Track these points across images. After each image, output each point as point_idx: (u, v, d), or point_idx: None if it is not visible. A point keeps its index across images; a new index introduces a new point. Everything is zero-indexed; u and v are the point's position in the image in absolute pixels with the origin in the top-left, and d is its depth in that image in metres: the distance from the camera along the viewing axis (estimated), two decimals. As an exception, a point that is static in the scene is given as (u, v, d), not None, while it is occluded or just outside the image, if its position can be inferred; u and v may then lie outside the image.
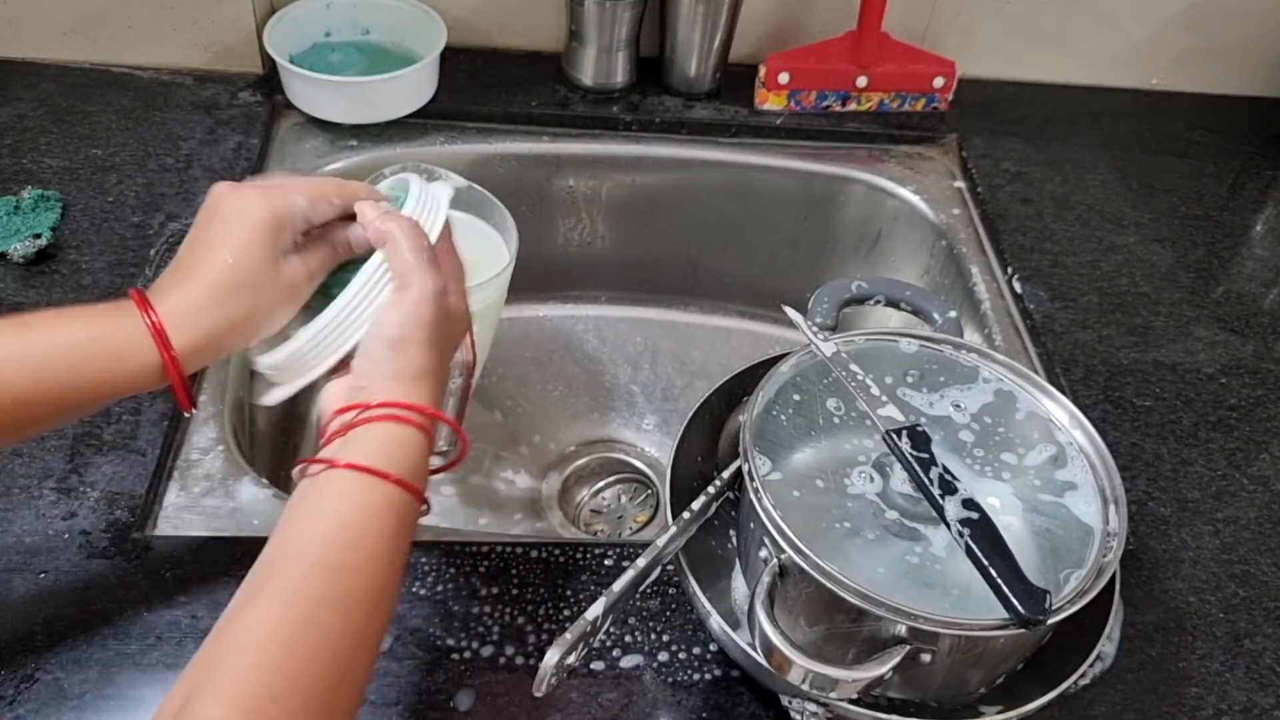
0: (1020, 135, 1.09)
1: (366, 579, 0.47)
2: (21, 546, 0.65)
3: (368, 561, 0.47)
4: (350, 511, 0.48)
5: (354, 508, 0.48)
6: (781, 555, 0.55)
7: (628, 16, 1.02)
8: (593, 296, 1.16)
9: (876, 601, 0.52)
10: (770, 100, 1.07)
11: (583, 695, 0.61)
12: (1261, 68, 1.17)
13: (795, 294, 0.77)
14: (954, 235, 1.00)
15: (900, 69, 1.07)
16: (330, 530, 0.47)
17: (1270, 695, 0.65)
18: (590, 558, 0.68)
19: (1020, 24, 1.12)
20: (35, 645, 0.60)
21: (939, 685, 0.57)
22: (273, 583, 0.45)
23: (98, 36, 1.01)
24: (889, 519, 0.57)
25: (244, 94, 1.02)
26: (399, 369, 0.52)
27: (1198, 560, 0.72)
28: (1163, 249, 0.98)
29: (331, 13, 1.02)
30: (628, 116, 1.05)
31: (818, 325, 0.68)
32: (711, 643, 0.64)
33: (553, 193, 1.07)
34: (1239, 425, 0.82)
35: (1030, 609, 0.51)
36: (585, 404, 1.08)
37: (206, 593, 0.63)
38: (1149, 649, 0.67)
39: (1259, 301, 0.94)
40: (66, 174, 0.90)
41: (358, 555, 0.47)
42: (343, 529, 0.48)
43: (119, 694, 0.59)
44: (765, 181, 1.07)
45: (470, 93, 1.05)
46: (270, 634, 0.43)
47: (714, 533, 0.66)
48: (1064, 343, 0.87)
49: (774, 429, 0.61)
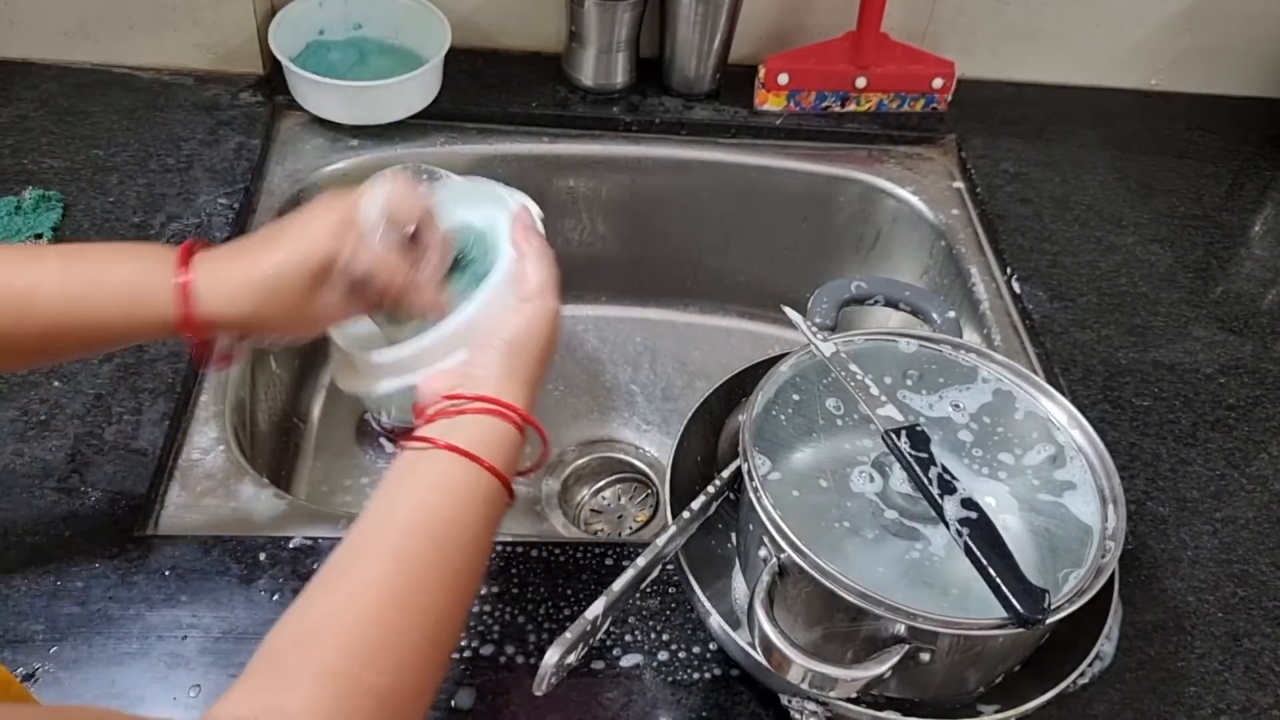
0: (1019, 136, 1.09)
1: (466, 555, 0.50)
2: (23, 546, 0.65)
3: (468, 540, 0.50)
4: (454, 491, 0.51)
5: (457, 488, 0.51)
6: (781, 554, 0.55)
7: (628, 17, 1.02)
8: (593, 296, 1.17)
9: (876, 601, 0.52)
10: (770, 101, 1.08)
11: (583, 694, 0.61)
12: (1261, 68, 1.17)
13: (795, 294, 0.77)
14: (953, 235, 1.00)
15: (899, 70, 1.07)
16: (437, 505, 0.50)
17: (1269, 694, 0.65)
18: (590, 557, 0.68)
19: (1019, 24, 1.12)
20: (36, 644, 0.60)
21: (938, 684, 0.57)
22: (383, 546, 0.48)
23: (99, 37, 1.01)
24: (888, 518, 0.58)
25: (245, 94, 1.02)
26: (511, 371, 0.56)
27: (1196, 560, 0.72)
28: (1162, 249, 0.98)
29: (325, 10, 1.03)
30: (628, 117, 1.05)
31: (817, 325, 0.68)
32: (711, 642, 0.64)
33: (553, 193, 1.07)
34: (1238, 425, 0.82)
35: (1029, 608, 0.51)
36: (585, 404, 1.08)
37: (207, 592, 0.64)
38: (1148, 648, 0.67)
39: (1258, 302, 0.94)
40: (68, 174, 0.91)
41: (460, 532, 0.50)
42: (449, 506, 0.50)
43: (121, 693, 0.59)
44: (765, 182, 1.08)
45: (471, 93, 1.05)
46: (382, 592, 0.46)
47: (714, 532, 0.66)
48: (1063, 343, 0.87)
49: (774, 429, 0.62)
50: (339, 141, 1.00)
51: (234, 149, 0.96)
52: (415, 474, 0.52)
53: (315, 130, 1.00)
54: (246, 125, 0.98)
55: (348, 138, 1.00)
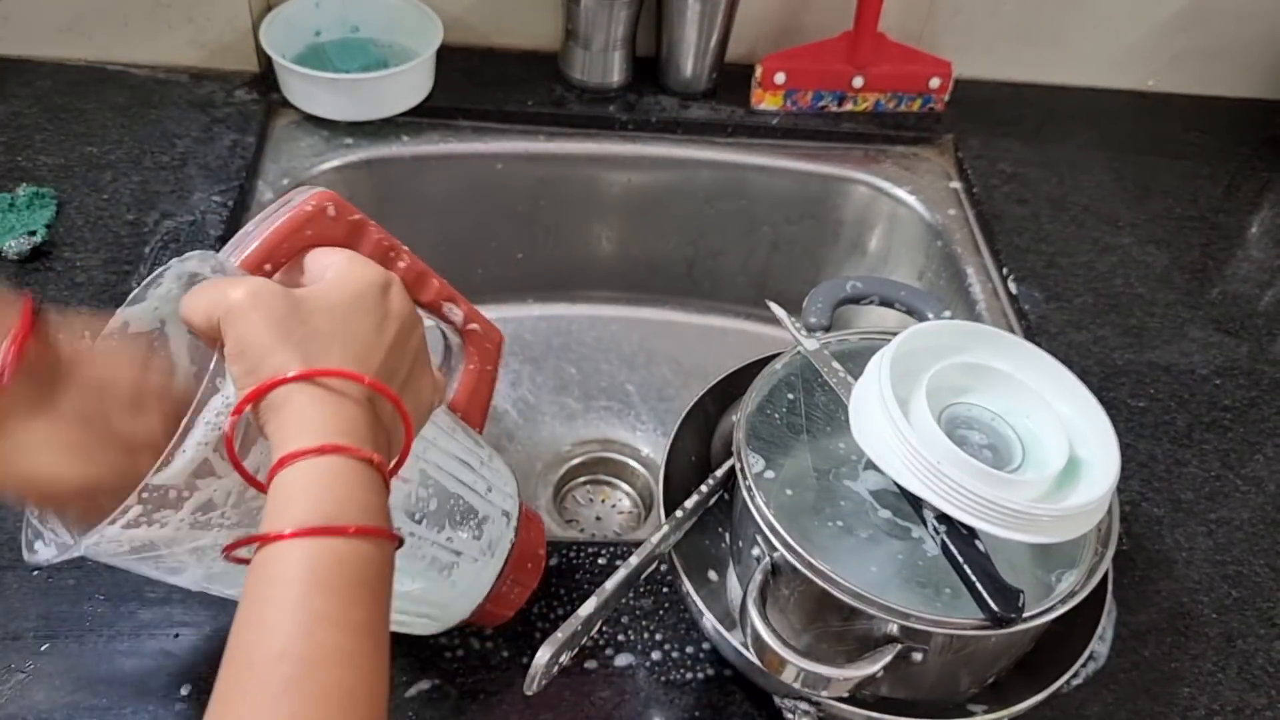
0: (1016, 136, 1.09)
1: (353, 652, 0.39)
2: (15, 544, 0.64)
3: (354, 626, 0.39)
4: (321, 586, 0.39)
5: (321, 583, 0.39)
6: (774, 554, 0.55)
7: (624, 16, 1.02)
8: (588, 296, 1.16)
9: (868, 600, 0.52)
10: (766, 100, 1.07)
11: (575, 694, 0.61)
12: (1257, 70, 1.17)
13: (790, 294, 0.77)
14: (949, 235, 1.00)
15: (896, 69, 1.07)
16: (302, 616, 0.38)
17: (1262, 696, 0.65)
18: (583, 556, 0.68)
19: (1017, 25, 1.12)
20: (28, 641, 0.60)
21: (931, 684, 0.57)
22: (257, 680, 0.37)
23: (94, 34, 1.01)
24: (881, 518, 0.57)
25: (239, 92, 1.02)
26: (288, 330, 0.43)
27: (1191, 561, 0.72)
28: (1158, 250, 0.98)
29: (321, 11, 1.02)
30: (624, 116, 1.05)
31: (812, 325, 0.68)
32: (704, 642, 0.64)
33: (549, 192, 1.07)
34: (1233, 426, 0.82)
35: (1004, 607, 0.51)
36: (580, 403, 1.08)
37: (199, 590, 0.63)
38: (1141, 649, 0.67)
39: (1254, 303, 0.94)
40: (61, 171, 0.90)
41: (336, 635, 0.38)
42: (313, 617, 0.38)
43: (112, 689, 0.58)
44: (761, 181, 1.07)
45: (466, 91, 1.04)
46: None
47: (707, 532, 0.66)
48: (1059, 343, 0.87)
49: (767, 428, 0.61)
50: (334, 139, 0.99)
51: (228, 146, 0.95)
52: (269, 585, 0.39)
53: (310, 128, 1.00)
54: (241, 123, 0.98)
55: (343, 136, 1.00)
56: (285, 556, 0.38)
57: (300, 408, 0.41)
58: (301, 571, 0.38)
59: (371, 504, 0.41)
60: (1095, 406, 0.57)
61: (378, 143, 1.00)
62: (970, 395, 0.58)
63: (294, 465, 0.40)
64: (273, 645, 0.37)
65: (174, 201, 0.89)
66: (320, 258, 0.48)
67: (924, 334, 0.58)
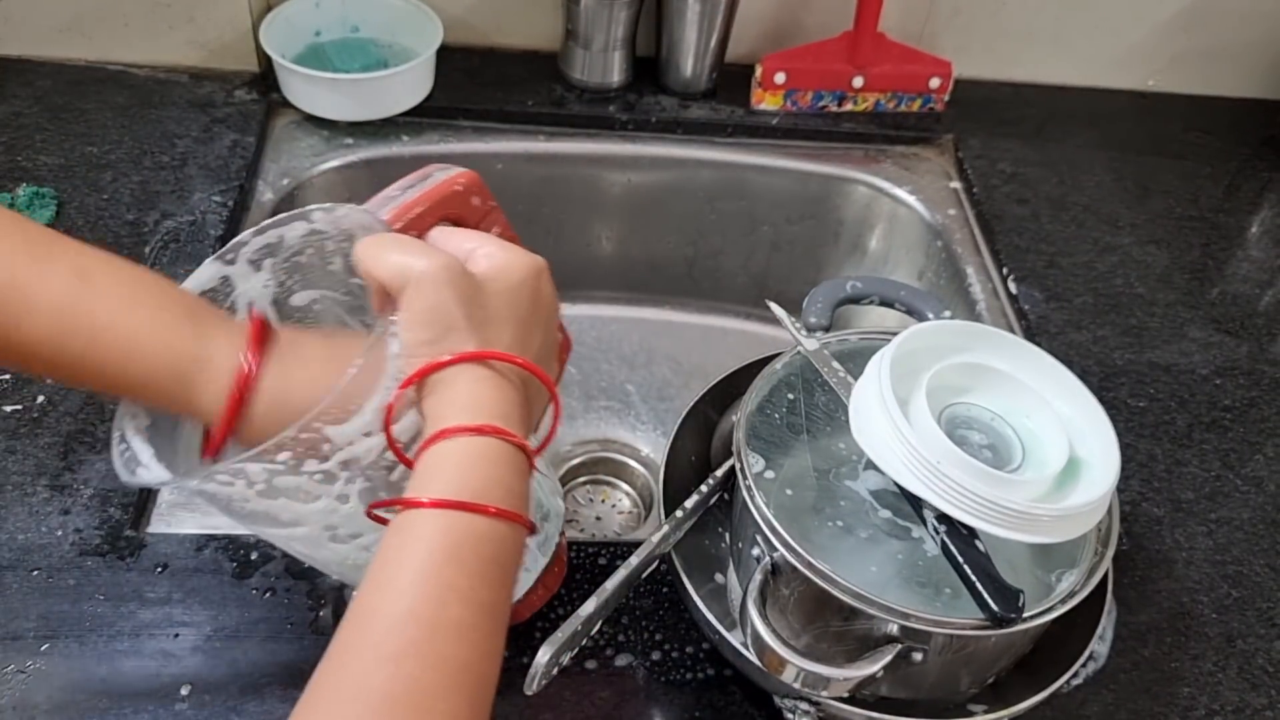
0: (1016, 136, 1.09)
1: (474, 629, 0.40)
2: (15, 544, 0.64)
3: (480, 604, 0.41)
4: (455, 555, 0.40)
5: (456, 549, 0.40)
6: (774, 554, 0.55)
7: (624, 16, 1.02)
8: (588, 296, 1.16)
9: (868, 600, 0.52)
10: (766, 100, 1.07)
11: (575, 694, 0.61)
12: (1258, 70, 1.17)
13: (790, 294, 0.77)
14: (950, 236, 1.00)
15: (896, 69, 1.07)
16: (435, 581, 0.40)
17: (1262, 695, 0.65)
18: (583, 556, 0.68)
19: (1017, 25, 1.12)
20: (28, 641, 0.60)
21: (931, 684, 0.57)
22: (379, 644, 0.38)
23: (94, 34, 1.01)
24: (881, 518, 0.57)
25: (239, 92, 1.02)
26: (483, 317, 0.45)
27: (1191, 561, 0.72)
28: (1158, 250, 0.98)
29: (321, 11, 1.02)
30: (624, 116, 1.05)
31: (812, 325, 0.68)
32: (704, 642, 0.64)
33: (549, 191, 1.07)
34: (1233, 426, 0.82)
35: (1004, 607, 0.51)
36: (580, 403, 1.08)
37: (199, 590, 0.63)
38: (1142, 649, 0.67)
39: (1254, 303, 0.94)
40: (62, 171, 0.90)
41: (461, 610, 0.40)
42: (447, 583, 0.40)
43: (111, 690, 0.58)
44: (761, 181, 1.07)
45: (466, 91, 1.04)
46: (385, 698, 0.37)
47: (707, 532, 0.66)
48: (1059, 343, 0.87)
49: (767, 428, 0.61)
50: (334, 139, 0.99)
51: (229, 146, 0.95)
52: (404, 549, 0.40)
53: (310, 128, 1.00)
54: (241, 123, 0.98)
55: (343, 135, 1.00)
56: (427, 524, 0.40)
57: (466, 386, 0.43)
58: (440, 542, 0.40)
59: (515, 488, 0.42)
60: (1095, 406, 0.57)
61: (378, 143, 1.00)
62: (970, 395, 0.58)
63: (452, 439, 0.42)
64: (401, 606, 0.38)
65: (174, 201, 0.89)
66: (458, 240, 0.47)
67: (924, 334, 0.58)
